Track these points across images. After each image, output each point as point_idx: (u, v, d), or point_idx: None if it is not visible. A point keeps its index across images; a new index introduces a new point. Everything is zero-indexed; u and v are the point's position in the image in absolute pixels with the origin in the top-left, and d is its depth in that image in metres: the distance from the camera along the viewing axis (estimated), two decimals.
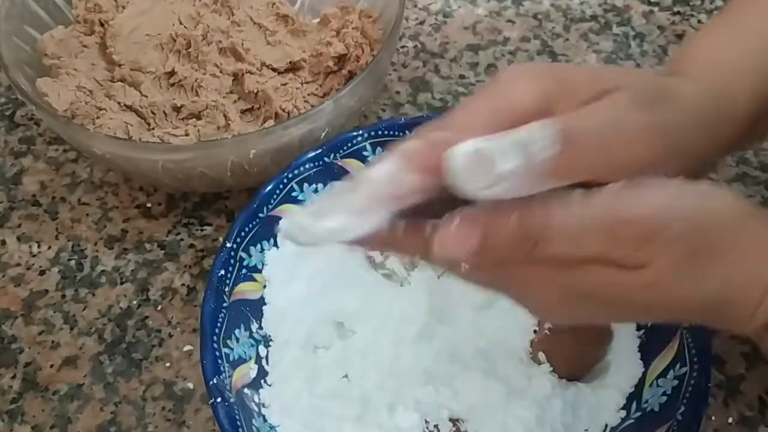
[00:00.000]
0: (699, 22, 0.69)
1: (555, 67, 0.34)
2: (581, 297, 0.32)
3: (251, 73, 0.58)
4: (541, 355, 0.44)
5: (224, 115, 0.56)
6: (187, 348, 0.52)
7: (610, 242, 0.30)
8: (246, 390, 0.44)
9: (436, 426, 0.43)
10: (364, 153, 0.52)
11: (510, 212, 0.30)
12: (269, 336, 0.47)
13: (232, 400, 0.42)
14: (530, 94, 0.32)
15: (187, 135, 0.55)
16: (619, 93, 0.32)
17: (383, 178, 0.29)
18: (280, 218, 0.50)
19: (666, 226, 0.30)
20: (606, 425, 0.44)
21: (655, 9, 0.71)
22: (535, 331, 0.45)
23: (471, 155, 0.28)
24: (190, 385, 0.50)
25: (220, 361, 0.43)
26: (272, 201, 0.49)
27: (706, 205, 0.31)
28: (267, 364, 0.46)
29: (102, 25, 0.60)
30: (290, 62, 0.60)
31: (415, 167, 0.29)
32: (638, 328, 0.46)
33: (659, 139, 0.32)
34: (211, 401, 0.42)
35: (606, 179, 0.31)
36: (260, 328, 0.47)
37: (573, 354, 0.44)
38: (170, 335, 0.52)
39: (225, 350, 0.44)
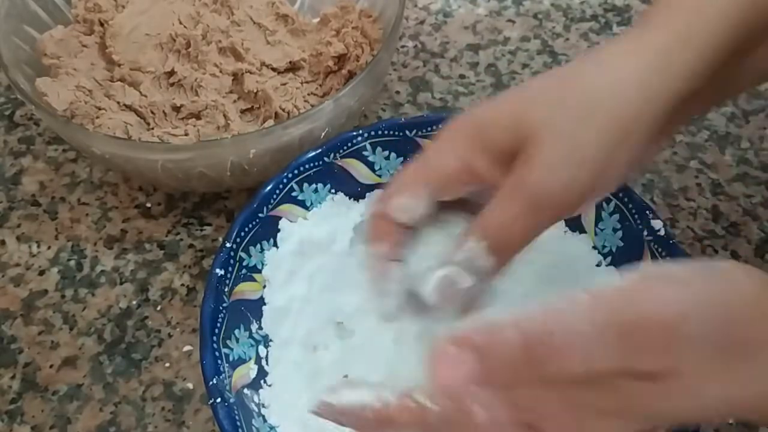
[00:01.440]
0: None
1: (474, 123, 0.37)
2: (604, 415, 0.28)
3: (251, 73, 0.58)
4: None
5: (224, 115, 0.56)
6: (186, 348, 0.52)
7: (628, 350, 0.26)
8: (246, 390, 0.44)
9: None
10: (364, 153, 0.52)
11: (508, 329, 0.27)
12: (269, 336, 0.47)
13: (231, 400, 0.42)
14: (453, 160, 0.36)
15: (186, 135, 0.55)
16: (537, 154, 0.33)
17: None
18: (280, 218, 0.50)
19: (689, 325, 0.26)
20: None
21: None
22: None
23: (438, 286, 0.35)
24: (190, 386, 0.50)
25: (219, 361, 0.43)
26: (272, 201, 0.49)
27: (731, 296, 0.28)
28: (267, 364, 0.46)
29: (101, 24, 0.60)
30: (290, 62, 0.60)
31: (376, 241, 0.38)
32: None
33: (588, 183, 0.34)
34: (211, 401, 0.41)
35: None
36: (260, 328, 0.47)
37: None
38: (170, 335, 0.52)
39: (225, 350, 0.44)
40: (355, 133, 0.51)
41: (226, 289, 0.46)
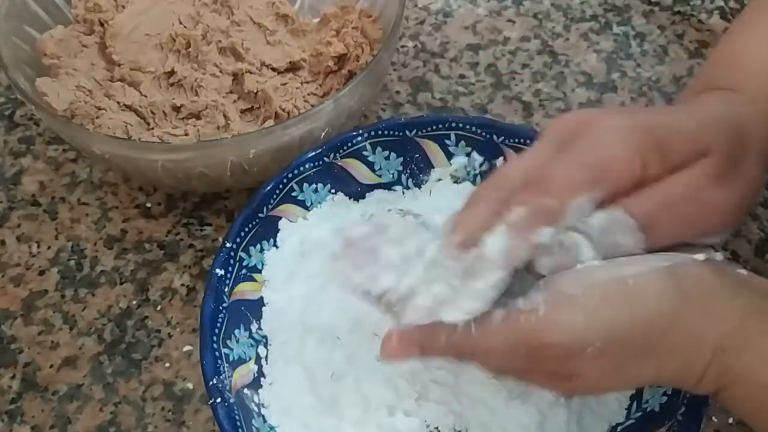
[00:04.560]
0: (699, 21, 0.69)
1: (653, 128, 0.36)
2: (533, 386, 0.38)
3: (251, 73, 0.58)
4: None
5: (224, 115, 0.56)
6: (186, 348, 0.52)
7: (533, 362, 0.34)
8: (246, 390, 0.44)
9: (436, 428, 0.43)
10: (364, 153, 0.52)
11: (439, 335, 0.35)
12: (269, 336, 0.47)
13: (231, 400, 0.42)
14: (627, 161, 0.35)
15: (186, 135, 0.55)
16: (706, 161, 0.36)
17: (498, 254, 0.34)
18: (280, 218, 0.50)
19: (586, 345, 0.33)
20: (608, 426, 0.44)
21: (656, 8, 0.71)
22: None
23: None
24: (190, 386, 0.50)
25: (219, 361, 0.43)
26: (272, 201, 0.49)
27: (628, 315, 0.33)
28: (266, 364, 0.46)
29: (101, 24, 0.60)
30: (290, 62, 0.60)
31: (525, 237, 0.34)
32: None
33: (734, 213, 0.37)
34: (211, 401, 0.41)
35: (685, 241, 0.37)
36: (260, 328, 0.47)
37: None
38: (170, 335, 0.52)
39: (225, 350, 0.44)
40: (355, 133, 0.51)
41: (226, 289, 0.46)
